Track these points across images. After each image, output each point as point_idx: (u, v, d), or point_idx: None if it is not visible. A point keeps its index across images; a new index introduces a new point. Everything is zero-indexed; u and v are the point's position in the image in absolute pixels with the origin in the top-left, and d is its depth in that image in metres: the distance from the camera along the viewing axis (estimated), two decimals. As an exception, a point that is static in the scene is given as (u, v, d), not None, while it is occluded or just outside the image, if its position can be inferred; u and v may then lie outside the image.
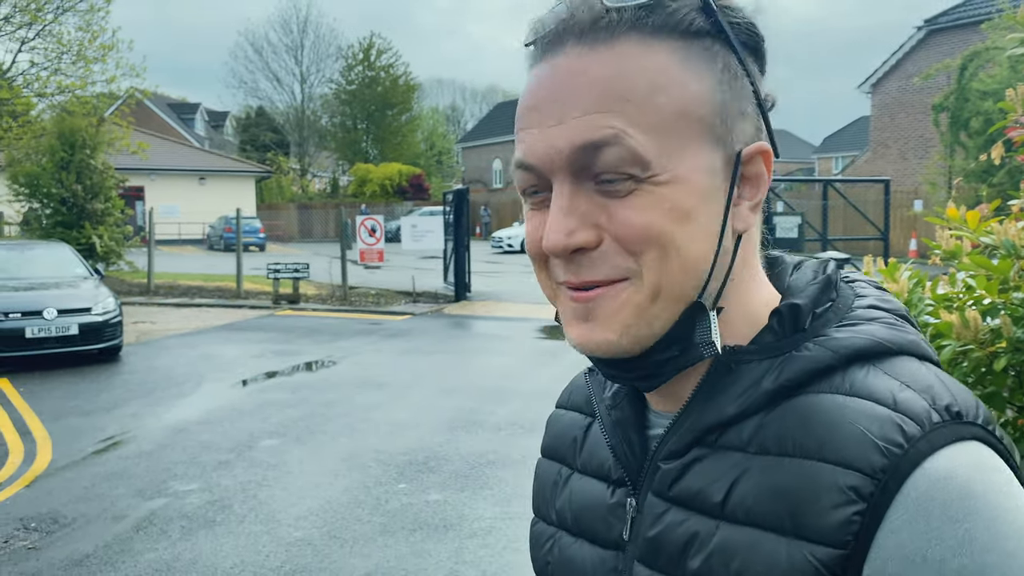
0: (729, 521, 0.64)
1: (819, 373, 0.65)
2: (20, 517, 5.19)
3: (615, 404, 0.77)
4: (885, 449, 0.58)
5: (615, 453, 0.74)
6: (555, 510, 0.82)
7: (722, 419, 0.67)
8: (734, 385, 0.67)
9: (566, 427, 0.87)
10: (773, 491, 0.62)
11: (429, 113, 67.78)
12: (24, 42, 18.59)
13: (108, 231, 17.55)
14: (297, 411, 7.66)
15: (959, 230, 1.87)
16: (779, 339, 0.67)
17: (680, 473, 0.68)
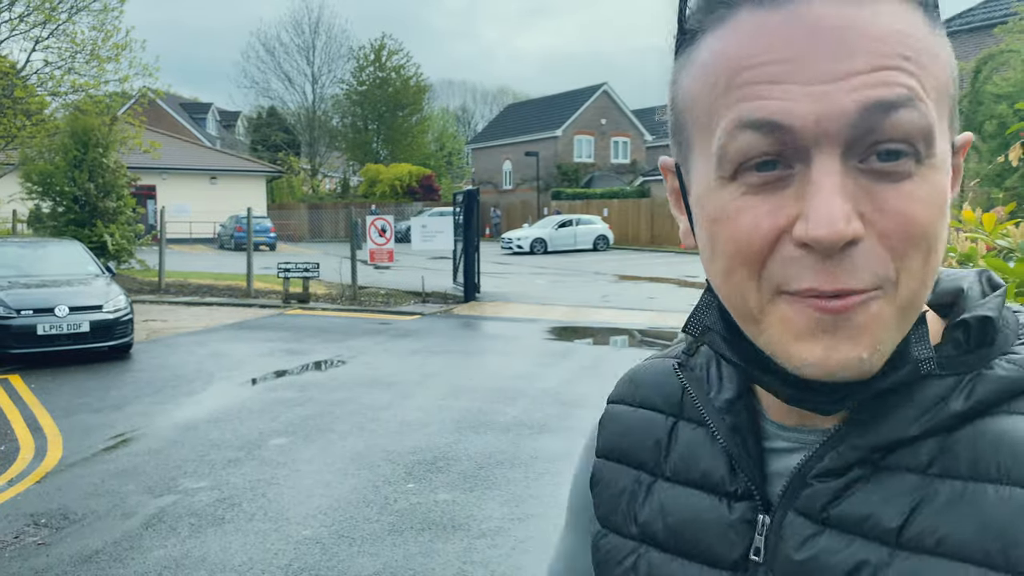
0: (910, 550, 0.56)
1: (1012, 393, 0.57)
2: (30, 513, 5.22)
3: (729, 409, 0.68)
4: None
5: (734, 463, 0.66)
6: (636, 523, 0.72)
7: (897, 439, 0.58)
8: (911, 402, 0.59)
9: (639, 427, 0.75)
10: (977, 520, 0.54)
11: (439, 114, 67.92)
12: (38, 41, 18.70)
13: (120, 229, 17.64)
14: (306, 410, 7.67)
15: (975, 233, 1.86)
16: (963, 354, 0.60)
17: (839, 493, 0.60)
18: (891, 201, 0.52)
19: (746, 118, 0.53)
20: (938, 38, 0.56)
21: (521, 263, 26.41)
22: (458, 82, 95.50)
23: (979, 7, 25.07)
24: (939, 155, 0.54)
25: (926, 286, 0.55)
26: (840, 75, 0.51)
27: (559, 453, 6.28)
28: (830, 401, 0.59)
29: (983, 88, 16.05)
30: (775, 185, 0.54)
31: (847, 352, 0.54)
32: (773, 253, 0.54)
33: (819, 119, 0.51)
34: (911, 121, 0.52)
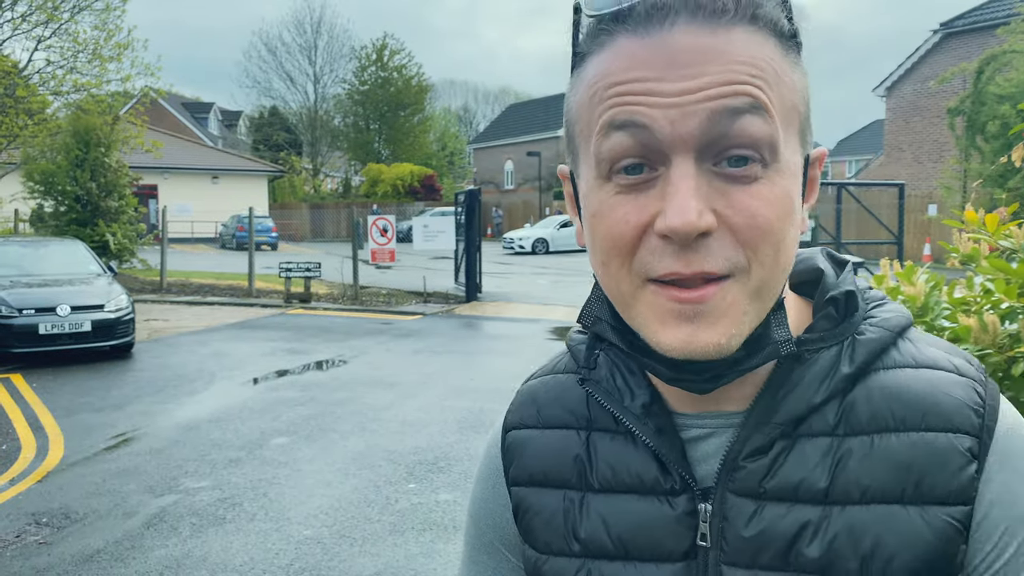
0: (843, 504, 0.66)
1: (882, 351, 0.70)
2: (32, 512, 5.22)
3: (648, 412, 0.72)
4: (977, 410, 0.66)
5: (665, 462, 0.71)
6: (577, 540, 0.74)
7: (809, 408, 0.68)
8: (810, 373, 0.68)
9: (553, 447, 0.78)
10: (889, 466, 0.66)
11: (441, 114, 67.91)
12: (40, 40, 18.71)
13: (122, 229, 17.65)
14: (307, 410, 7.67)
15: (977, 233, 1.85)
16: (836, 324, 0.70)
17: (769, 468, 0.68)
18: (740, 200, 0.61)
19: (616, 120, 0.61)
20: (789, 63, 0.64)
21: (523, 263, 26.40)
22: (460, 82, 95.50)
23: (982, 7, 25.01)
24: (784, 163, 0.62)
25: (776, 277, 0.63)
26: (693, 89, 0.59)
27: (560, 453, 6.27)
28: (703, 380, 0.66)
29: (986, 89, 16.02)
30: (642, 186, 0.62)
31: (706, 338, 0.62)
32: (640, 245, 0.62)
33: (674, 123, 0.59)
34: (756, 127, 0.60)
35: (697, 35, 0.60)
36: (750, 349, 0.65)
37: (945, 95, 23.11)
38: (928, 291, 1.79)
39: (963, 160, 17.78)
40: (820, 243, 13.69)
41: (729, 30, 0.60)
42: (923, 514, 0.64)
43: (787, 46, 0.64)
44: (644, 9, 0.61)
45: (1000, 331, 1.62)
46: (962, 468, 0.64)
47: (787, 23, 0.64)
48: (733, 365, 0.65)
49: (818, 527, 0.66)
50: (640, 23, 0.62)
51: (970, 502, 0.64)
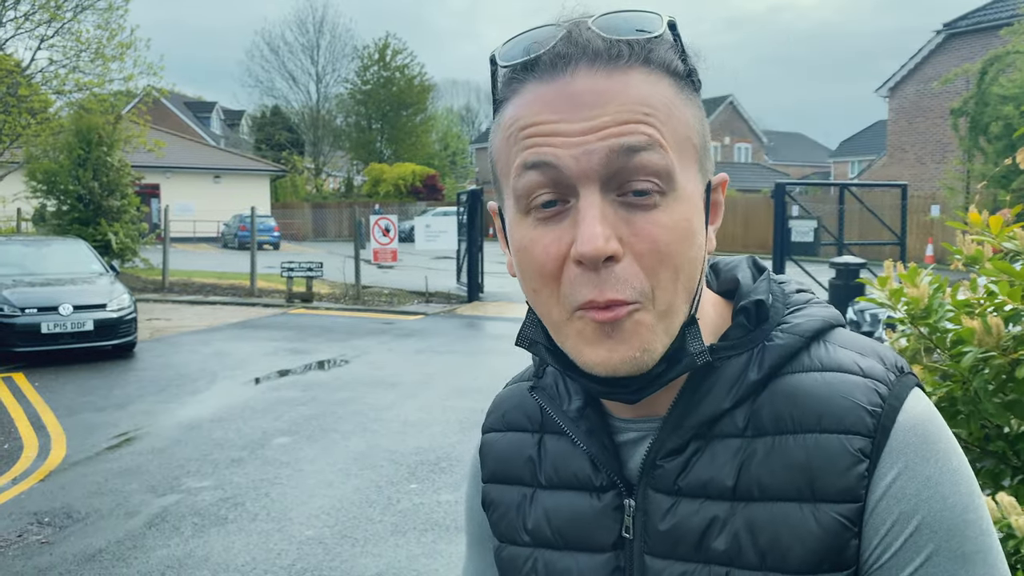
0: (745, 500, 0.71)
1: (791, 356, 0.74)
2: (34, 512, 5.23)
3: (581, 416, 0.80)
4: (872, 411, 0.69)
5: (595, 461, 0.78)
6: (526, 531, 0.83)
7: (719, 412, 0.73)
8: (721, 380, 0.74)
9: (513, 449, 0.87)
10: (786, 466, 0.70)
11: (443, 114, 67.89)
12: (43, 40, 18.73)
13: (124, 228, 17.67)
14: (309, 410, 7.68)
15: (981, 235, 1.85)
16: (747, 333, 0.76)
17: (683, 467, 0.74)
18: (641, 226, 0.67)
19: (528, 161, 0.68)
20: (683, 100, 0.71)
21: (525, 263, 26.38)
22: (462, 82, 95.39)
23: (986, 8, 24.98)
24: (681, 190, 0.69)
25: (679, 297, 0.69)
26: (594, 129, 0.66)
27: (562, 454, 6.27)
28: (629, 392, 0.72)
29: (989, 89, 16.00)
30: (557, 218, 0.69)
31: (623, 353, 0.68)
32: (563, 274, 0.69)
33: (578, 160, 0.66)
34: (652, 161, 0.66)
35: (595, 79, 0.67)
36: (669, 363, 0.71)
37: (948, 96, 23.09)
38: (931, 293, 1.78)
39: (966, 161, 17.76)
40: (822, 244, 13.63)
41: (625, 72, 0.68)
42: (815, 512, 0.69)
43: (681, 84, 0.71)
44: (549, 59, 0.69)
45: (1004, 333, 1.61)
46: (850, 467, 0.68)
47: (680, 64, 0.71)
48: (655, 379, 0.71)
49: (725, 522, 0.71)
50: (546, 71, 0.69)
51: (860, 499, 0.68)
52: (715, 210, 0.77)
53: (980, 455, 1.70)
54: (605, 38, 0.68)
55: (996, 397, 1.64)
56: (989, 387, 1.64)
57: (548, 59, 0.69)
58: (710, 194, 0.74)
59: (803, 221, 13.46)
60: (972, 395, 1.63)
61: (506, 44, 0.72)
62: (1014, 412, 1.64)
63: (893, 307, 1.79)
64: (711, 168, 0.75)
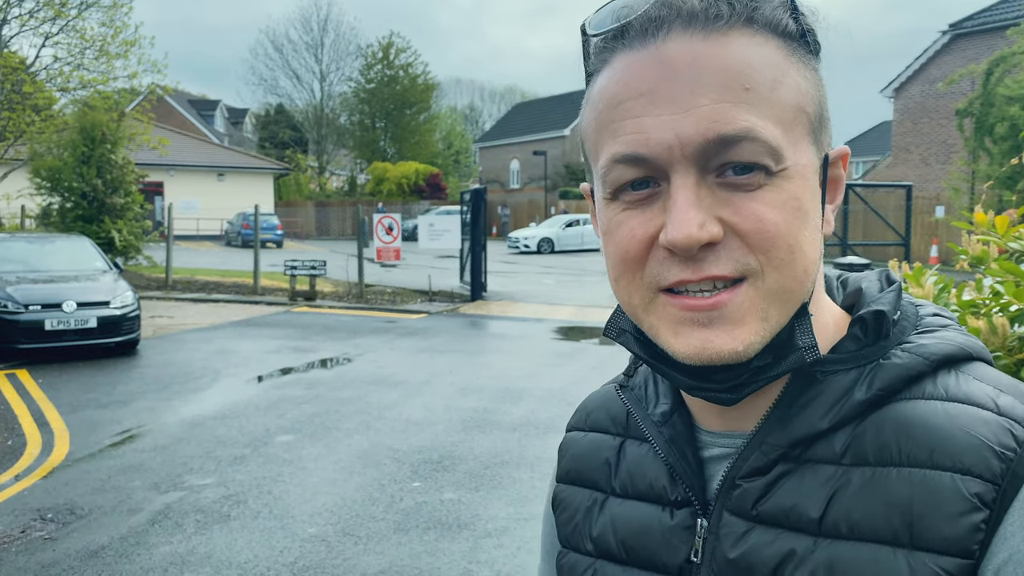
0: (831, 537, 0.62)
1: (911, 380, 0.64)
2: (37, 508, 5.24)
3: (665, 422, 0.74)
4: (1002, 454, 0.59)
5: (673, 472, 0.72)
6: (591, 539, 0.77)
7: (813, 432, 0.65)
8: (821, 396, 0.65)
9: (591, 449, 0.82)
10: (884, 503, 0.61)
11: (447, 112, 67.94)
12: (48, 37, 18.77)
13: (127, 225, 17.69)
14: (312, 408, 7.68)
15: (986, 235, 1.84)
16: (862, 347, 0.67)
17: (766, 490, 0.66)
18: (746, 206, 0.60)
19: (617, 155, 0.63)
20: (794, 64, 0.63)
21: (528, 262, 26.40)
22: (466, 81, 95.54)
23: (991, 8, 24.93)
24: (792, 167, 0.62)
25: (796, 280, 0.62)
26: (687, 107, 0.60)
27: (565, 453, 6.27)
28: (723, 390, 0.64)
29: (994, 90, 15.97)
30: (647, 201, 0.63)
31: (721, 344, 0.61)
32: (649, 258, 0.63)
33: (670, 147, 0.60)
34: (752, 151, 0.60)
35: (691, 43, 0.61)
36: (775, 356, 0.63)
37: (953, 96, 23.05)
38: (936, 293, 1.78)
39: (971, 162, 17.73)
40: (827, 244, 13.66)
41: (725, 35, 0.61)
42: (910, 559, 0.59)
43: (792, 47, 0.64)
44: (640, 24, 0.63)
45: (1010, 334, 1.61)
46: (963, 515, 0.58)
47: (792, 23, 0.64)
48: (756, 373, 0.63)
49: (803, 559, 0.63)
50: (637, 37, 0.63)
51: (970, 556, 0.57)
52: (834, 187, 0.69)
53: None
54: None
55: (1001, 398, 1.63)
56: (995, 388, 1.63)
57: (639, 24, 0.63)
58: (827, 169, 0.67)
59: (807, 221, 13.58)
60: (977, 396, 1.63)
61: (598, 11, 0.67)
62: (1020, 413, 1.63)
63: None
64: (829, 140, 0.67)
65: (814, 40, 0.66)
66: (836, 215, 0.72)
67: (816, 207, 0.64)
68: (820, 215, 0.65)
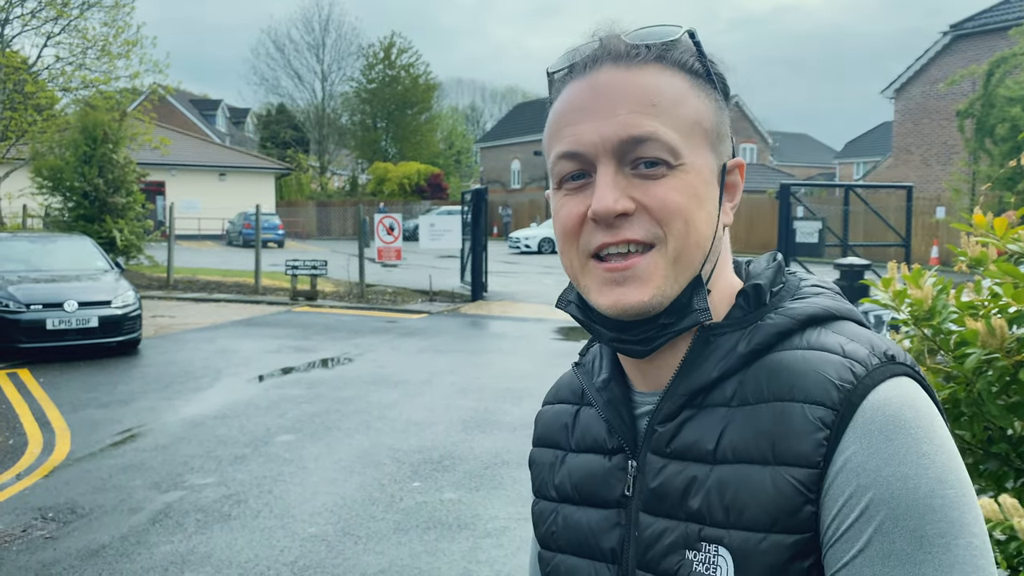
0: (720, 463, 0.78)
1: (781, 336, 0.81)
2: (38, 507, 5.24)
3: (605, 387, 0.91)
4: (840, 386, 0.75)
5: (610, 426, 0.89)
6: (554, 487, 0.95)
7: (707, 382, 0.82)
8: (713, 354, 0.82)
9: (556, 417, 1.00)
10: (756, 431, 0.77)
11: (448, 113, 67.90)
12: (50, 37, 18.79)
13: (129, 225, 17.70)
14: (313, 407, 7.69)
15: (985, 237, 1.84)
16: (746, 313, 0.84)
17: (676, 431, 0.83)
18: (652, 190, 0.79)
19: (560, 152, 0.83)
20: (695, 92, 0.83)
21: (529, 262, 26.40)
22: (467, 80, 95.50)
23: (992, 9, 24.90)
24: (689, 165, 0.80)
25: (691, 248, 0.80)
26: (608, 116, 0.80)
27: (565, 453, 6.27)
28: (636, 342, 0.82)
29: (995, 91, 15.96)
30: (581, 189, 0.82)
31: (633, 296, 0.79)
32: (582, 230, 0.82)
33: (596, 144, 0.80)
34: (655, 148, 0.79)
35: (615, 73, 0.81)
36: (677, 316, 0.81)
37: (954, 97, 23.03)
38: (935, 294, 1.78)
39: (972, 163, 17.72)
40: (827, 245, 13.61)
41: (641, 68, 0.81)
42: (772, 474, 0.75)
43: (697, 81, 0.83)
44: (582, 62, 0.84)
45: (1008, 335, 1.61)
46: (809, 434, 0.74)
47: (698, 64, 0.84)
48: (662, 329, 0.81)
49: (701, 482, 0.79)
50: (579, 71, 0.84)
51: (815, 466, 0.73)
52: (732, 189, 0.87)
53: (983, 457, 1.70)
54: (628, 43, 0.82)
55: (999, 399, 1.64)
56: (992, 389, 1.64)
57: (582, 62, 0.84)
58: (724, 175, 0.85)
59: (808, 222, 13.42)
60: (975, 397, 1.63)
61: (558, 58, 0.87)
62: (1017, 414, 1.63)
63: (897, 309, 1.79)
64: (727, 152, 0.86)
65: (720, 82, 0.86)
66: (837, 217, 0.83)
67: (711, 198, 0.83)
68: (716, 204, 0.83)
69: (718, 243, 0.84)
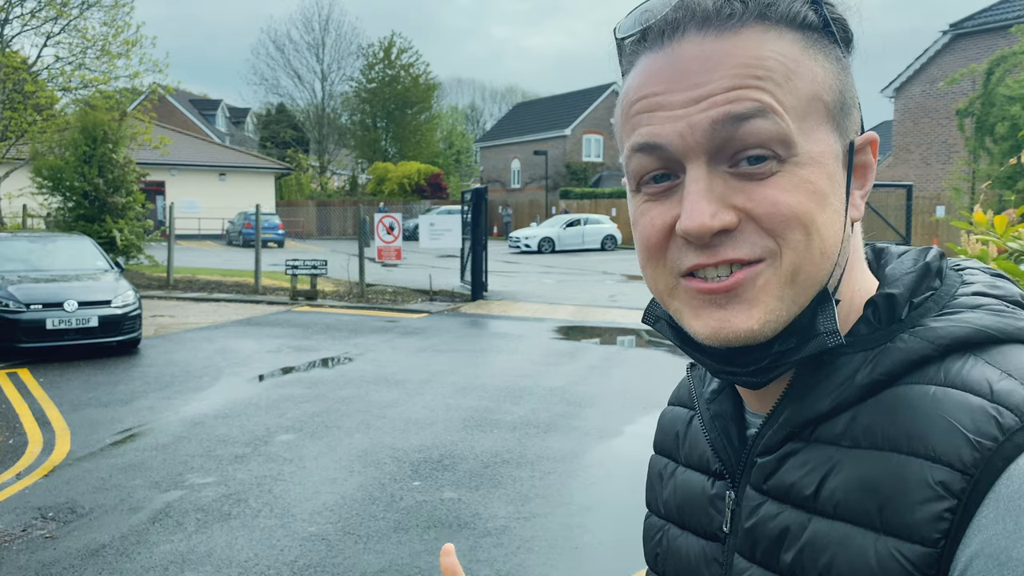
0: (820, 515, 0.64)
1: (914, 365, 0.63)
2: (38, 506, 5.24)
3: (714, 399, 0.78)
4: (977, 443, 0.56)
5: (713, 447, 0.76)
6: (663, 503, 0.84)
7: (816, 414, 0.66)
8: (828, 379, 0.66)
9: (671, 422, 0.88)
10: (862, 485, 0.61)
11: (448, 112, 67.94)
12: (50, 36, 18.79)
13: (129, 225, 17.70)
14: (313, 407, 7.69)
15: (985, 235, 1.85)
16: (874, 331, 0.67)
17: (776, 466, 0.69)
18: (761, 193, 0.62)
19: (635, 143, 0.66)
20: (810, 55, 0.64)
21: (529, 262, 26.40)
22: (467, 80, 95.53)
23: (992, 8, 24.91)
24: (804, 155, 0.63)
25: (813, 262, 0.63)
26: (698, 99, 0.63)
27: (565, 453, 6.27)
28: (747, 373, 0.67)
29: (995, 90, 15.96)
30: (666, 193, 0.66)
31: (738, 323, 0.63)
32: (669, 245, 0.66)
33: (683, 136, 0.63)
34: (764, 128, 0.61)
35: (702, 43, 0.63)
36: (798, 340, 0.65)
37: (954, 96, 23.04)
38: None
39: (972, 161, 17.72)
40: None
41: (737, 33, 0.63)
42: (876, 543, 0.59)
43: (812, 38, 0.65)
44: (659, 27, 0.66)
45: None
46: (926, 502, 0.57)
47: (812, 15, 0.65)
48: (779, 357, 0.65)
49: (796, 534, 0.65)
50: (656, 40, 0.66)
51: (934, 545, 0.56)
52: (861, 172, 0.69)
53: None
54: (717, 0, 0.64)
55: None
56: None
57: (658, 27, 0.66)
58: (853, 155, 0.67)
59: (808, 221, 13.53)
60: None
61: (627, 16, 0.70)
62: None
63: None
64: (854, 127, 0.68)
65: (841, 29, 0.67)
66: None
67: (837, 192, 0.65)
68: (843, 200, 0.66)
69: (847, 244, 0.66)
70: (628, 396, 8.13)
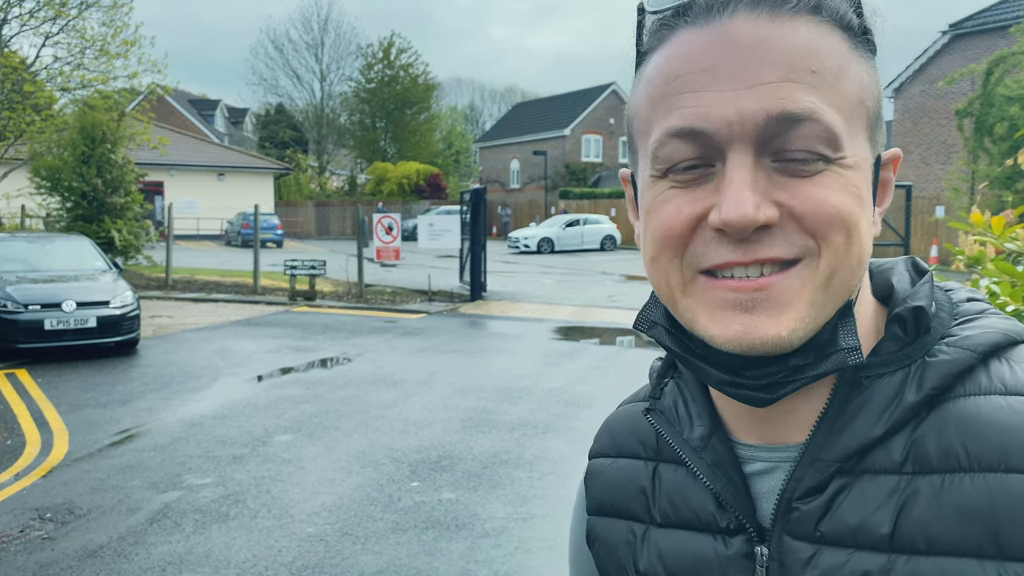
0: (908, 553, 0.58)
1: (961, 375, 0.61)
2: (36, 507, 5.24)
3: (704, 445, 0.69)
4: None
5: (720, 500, 0.67)
6: (637, 572, 0.73)
7: (868, 441, 0.61)
8: (871, 402, 0.62)
9: (623, 477, 0.77)
10: (959, 511, 0.57)
11: (448, 112, 67.96)
12: (48, 36, 18.76)
13: (127, 225, 17.69)
14: (312, 407, 7.68)
15: (983, 236, 1.84)
16: (904, 347, 0.64)
17: (826, 508, 0.62)
18: (804, 189, 0.58)
19: (672, 128, 0.60)
20: (856, 57, 0.61)
21: (528, 262, 26.40)
22: (467, 80, 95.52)
23: (992, 8, 24.92)
24: (850, 158, 0.59)
25: (850, 268, 0.59)
26: (751, 83, 0.58)
27: (564, 453, 6.27)
28: (760, 387, 0.61)
29: (994, 90, 15.97)
30: (697, 181, 0.60)
31: (765, 329, 0.58)
32: (693, 238, 0.60)
33: (731, 123, 0.58)
34: (814, 134, 0.58)
35: (757, 23, 0.58)
36: (816, 355, 0.60)
37: (953, 96, 23.06)
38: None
39: (971, 162, 17.73)
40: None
41: (792, 19, 0.59)
42: (1001, 571, 0.55)
43: (854, 41, 0.62)
44: (705, 2, 0.61)
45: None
46: None
47: (856, 19, 0.62)
48: (794, 372, 0.60)
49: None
50: (701, 15, 0.61)
51: None
52: (884, 190, 0.66)
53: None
54: None
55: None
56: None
57: (704, 2, 0.60)
58: (879, 170, 0.64)
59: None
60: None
61: None
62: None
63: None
64: (883, 141, 0.65)
65: (873, 40, 0.64)
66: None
67: (870, 202, 0.62)
68: (872, 209, 0.63)
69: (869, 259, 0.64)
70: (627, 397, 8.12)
